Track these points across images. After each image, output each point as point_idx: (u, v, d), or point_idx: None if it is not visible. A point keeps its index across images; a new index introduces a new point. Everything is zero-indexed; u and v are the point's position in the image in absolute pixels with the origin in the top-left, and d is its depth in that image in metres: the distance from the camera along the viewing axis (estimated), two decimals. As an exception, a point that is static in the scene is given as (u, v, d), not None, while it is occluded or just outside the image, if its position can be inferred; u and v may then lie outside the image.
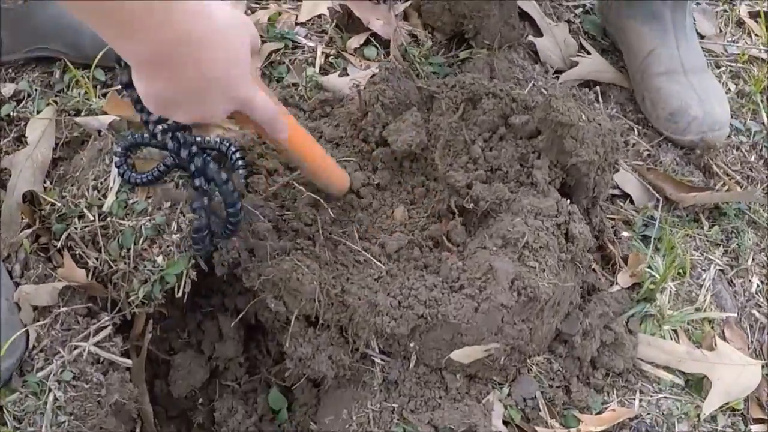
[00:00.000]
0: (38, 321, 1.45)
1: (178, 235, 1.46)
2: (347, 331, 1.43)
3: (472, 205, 1.45)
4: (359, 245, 1.46)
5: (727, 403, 1.56)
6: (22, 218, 1.53)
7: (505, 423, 1.46)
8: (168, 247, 1.46)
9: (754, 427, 1.59)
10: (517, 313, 1.38)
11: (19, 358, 1.39)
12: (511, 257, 1.38)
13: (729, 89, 2.01)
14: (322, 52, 1.81)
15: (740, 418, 1.60)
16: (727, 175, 1.85)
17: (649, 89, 1.86)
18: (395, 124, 1.52)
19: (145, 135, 1.50)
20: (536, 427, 1.46)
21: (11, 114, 1.68)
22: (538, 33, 1.95)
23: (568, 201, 1.50)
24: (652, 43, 1.87)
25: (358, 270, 1.44)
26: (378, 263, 1.44)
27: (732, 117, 1.89)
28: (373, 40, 1.87)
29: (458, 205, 1.48)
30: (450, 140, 1.50)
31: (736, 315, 1.69)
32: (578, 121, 1.44)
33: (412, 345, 1.41)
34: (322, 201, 1.48)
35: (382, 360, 1.46)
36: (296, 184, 1.50)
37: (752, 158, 1.91)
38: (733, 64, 2.06)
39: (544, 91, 1.78)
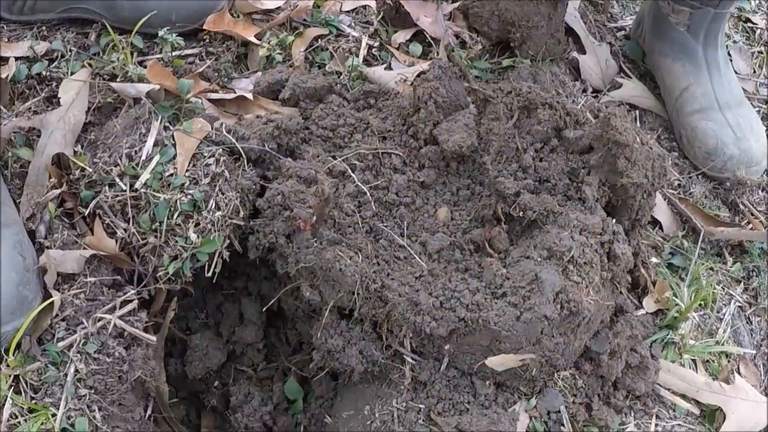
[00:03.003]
0: (62, 288, 1.40)
1: (219, 212, 1.42)
2: (381, 327, 1.42)
3: (519, 213, 1.44)
4: (403, 241, 1.44)
5: (737, 437, 1.57)
6: (50, 180, 1.48)
7: (527, 434, 1.46)
8: (204, 224, 1.43)
9: (759, 463, 1.60)
10: (556, 326, 1.36)
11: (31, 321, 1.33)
12: (555, 270, 1.36)
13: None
14: (366, 43, 1.79)
15: (748, 453, 1.60)
16: (752, 213, 1.86)
17: (685, 127, 1.87)
18: (447, 124, 1.50)
19: None
20: (557, 441, 1.45)
21: (43, 73, 1.63)
22: (581, 50, 1.94)
23: (614, 220, 1.49)
24: (685, 80, 1.88)
25: (399, 266, 1.42)
26: (420, 261, 1.41)
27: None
28: (418, 37, 1.85)
29: (504, 212, 1.46)
30: (502, 146, 1.49)
31: (753, 351, 1.70)
32: (633, 142, 1.44)
33: (447, 347, 1.39)
34: (367, 192, 1.46)
35: (413, 359, 1.44)
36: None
37: (776, 199, 1.93)
38: (763, 105, 2.07)
39: (603, 108, 1.77)
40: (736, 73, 2.02)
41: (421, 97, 1.51)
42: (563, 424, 1.48)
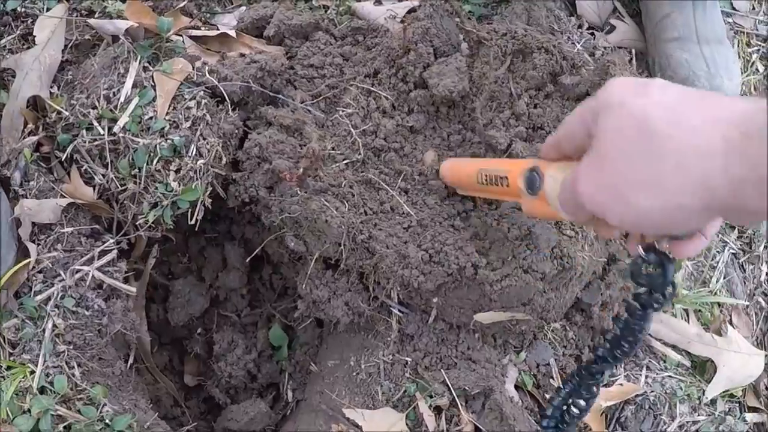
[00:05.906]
0: (38, 239, 1.35)
1: (201, 160, 1.37)
2: (368, 279, 1.38)
3: (511, 163, 1.39)
4: (394, 190, 1.38)
5: (727, 390, 1.56)
6: (25, 124, 1.41)
7: (516, 387, 1.43)
8: (186, 171, 1.37)
9: (748, 415, 1.59)
10: (548, 281, 1.33)
11: None
12: (549, 223, 1.32)
13: (757, 69, 1.95)
14: (354, -23, 1.70)
15: (737, 405, 1.59)
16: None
17: (660, 54, 1.79)
18: (437, 67, 1.43)
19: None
20: (546, 395, 1.43)
21: (17, 9, 1.55)
22: (575, -16, 1.86)
23: (609, 169, 1.44)
24: (668, 7, 1.80)
25: (387, 216, 1.37)
26: (409, 210, 1.36)
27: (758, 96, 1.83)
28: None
29: (497, 161, 1.41)
30: (495, 92, 1.43)
31: (745, 303, 1.67)
32: (631, 91, 1.38)
33: (435, 300, 1.35)
34: (359, 141, 1.41)
35: (400, 311, 1.41)
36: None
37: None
38: (762, 44, 2.00)
39: (600, 47, 1.69)
40: (734, 9, 1.96)
41: (411, 38, 1.44)
42: (552, 377, 1.46)
